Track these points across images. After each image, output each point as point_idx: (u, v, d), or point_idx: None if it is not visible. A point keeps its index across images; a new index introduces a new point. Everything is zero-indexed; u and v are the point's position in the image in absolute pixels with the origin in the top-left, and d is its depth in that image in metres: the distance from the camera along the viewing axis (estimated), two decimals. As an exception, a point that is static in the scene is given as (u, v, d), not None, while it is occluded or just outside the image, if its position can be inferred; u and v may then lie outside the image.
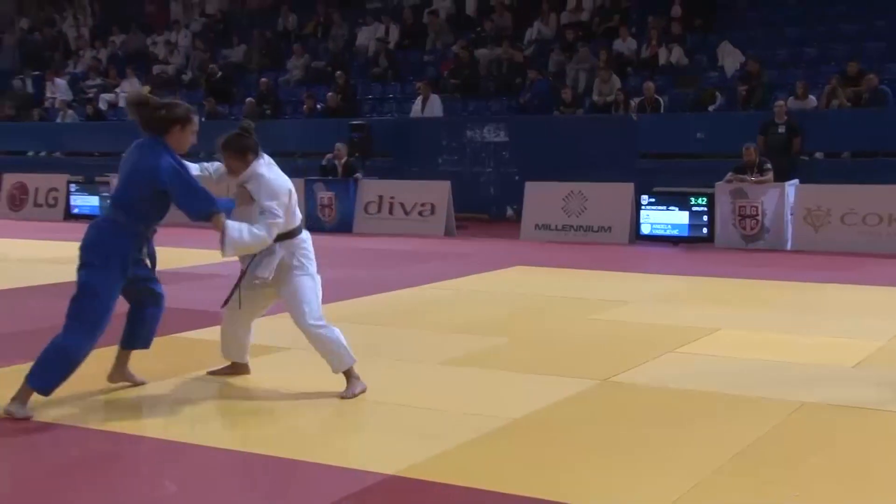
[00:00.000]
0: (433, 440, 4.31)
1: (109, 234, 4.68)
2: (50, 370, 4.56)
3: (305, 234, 5.06)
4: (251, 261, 4.93)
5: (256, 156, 4.94)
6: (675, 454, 4.15)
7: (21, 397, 4.59)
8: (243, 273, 5.00)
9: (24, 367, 5.61)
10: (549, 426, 4.58)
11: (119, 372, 5.08)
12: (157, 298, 5.01)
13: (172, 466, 4.05)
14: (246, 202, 4.82)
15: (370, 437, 4.47)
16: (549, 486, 3.79)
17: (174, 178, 4.58)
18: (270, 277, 4.90)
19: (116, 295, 4.70)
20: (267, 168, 4.93)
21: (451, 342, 6.34)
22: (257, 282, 4.93)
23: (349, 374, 4.99)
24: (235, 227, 4.67)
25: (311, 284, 4.96)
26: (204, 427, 4.55)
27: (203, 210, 4.62)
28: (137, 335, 5.02)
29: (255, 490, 3.81)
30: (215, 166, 5.15)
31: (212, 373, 5.37)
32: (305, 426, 4.62)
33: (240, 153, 4.92)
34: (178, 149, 4.76)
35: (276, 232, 4.78)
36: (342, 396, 4.91)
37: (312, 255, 5.04)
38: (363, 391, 4.96)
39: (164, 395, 5.08)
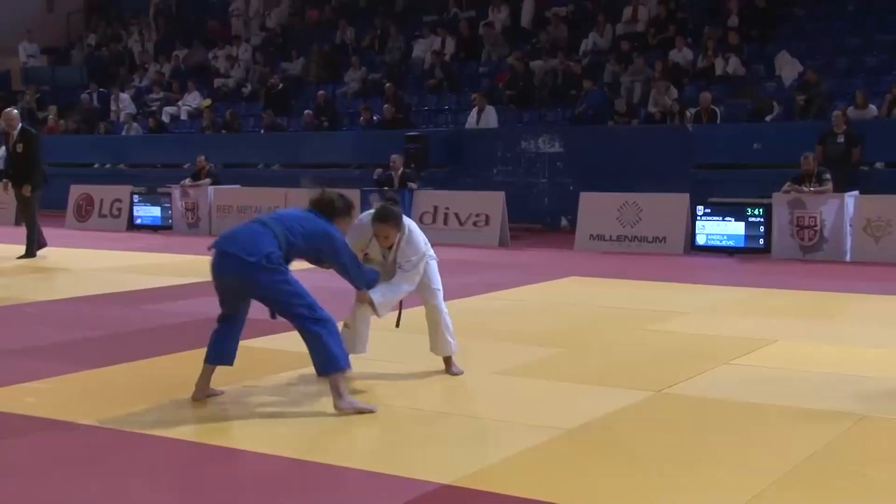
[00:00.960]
0: (487, 450, 4.36)
1: (263, 237, 4.90)
2: (336, 348, 4.85)
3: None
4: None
5: None
6: (732, 466, 4.15)
7: (341, 392, 4.84)
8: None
9: (99, 372, 5.82)
10: (604, 437, 4.61)
11: (203, 388, 5.17)
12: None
13: (225, 473, 4.17)
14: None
15: (424, 447, 4.53)
16: (604, 496, 3.83)
17: (341, 254, 5.06)
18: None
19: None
20: (411, 227, 5.53)
21: (505, 352, 6.39)
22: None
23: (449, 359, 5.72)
24: (379, 293, 5.31)
25: (437, 269, 5.65)
26: (257, 434, 4.66)
27: (356, 286, 5.25)
28: (227, 351, 5.16)
29: (309, 499, 3.90)
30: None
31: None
32: (359, 435, 4.70)
33: (398, 223, 5.42)
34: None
35: (417, 280, 5.46)
36: (453, 373, 5.67)
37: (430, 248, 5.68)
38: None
39: (216, 402, 5.21)
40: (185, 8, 25.45)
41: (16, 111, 12.36)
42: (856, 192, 11.61)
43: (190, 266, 11.27)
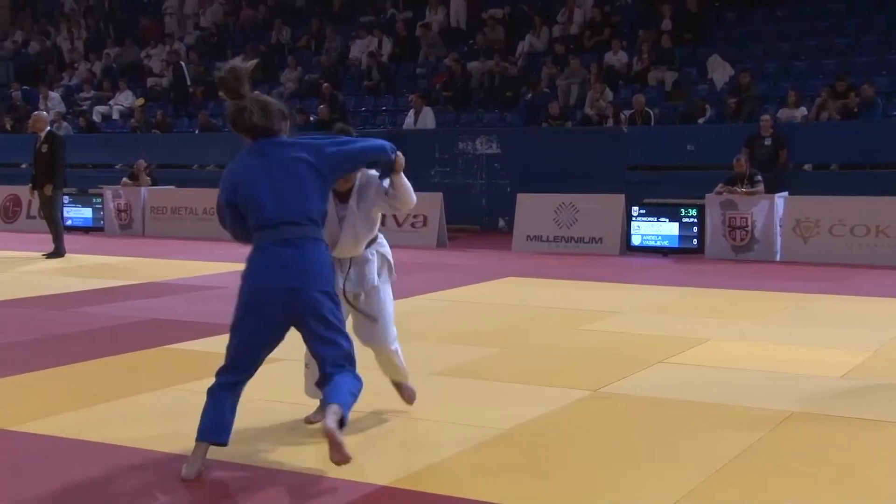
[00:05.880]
0: (425, 451, 4.36)
1: (324, 257, 4.01)
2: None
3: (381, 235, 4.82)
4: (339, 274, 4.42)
5: None
6: (665, 463, 4.21)
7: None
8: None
9: (29, 377, 5.67)
10: (540, 436, 4.63)
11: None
12: None
13: (156, 477, 4.09)
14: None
15: (361, 448, 4.50)
16: (540, 495, 3.85)
17: (337, 146, 4.04)
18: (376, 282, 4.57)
19: None
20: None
21: (442, 353, 6.39)
22: (358, 292, 4.53)
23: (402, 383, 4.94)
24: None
25: (392, 298, 4.72)
26: (195, 438, 4.58)
27: (384, 160, 4.29)
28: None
29: (247, 500, 3.85)
30: None
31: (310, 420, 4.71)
32: (296, 437, 4.65)
33: None
34: None
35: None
36: (409, 402, 4.89)
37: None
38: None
39: (158, 407, 5.12)
40: (117, 6, 24.96)
41: (45, 114, 13.20)
42: (785, 194, 11.88)
43: (122, 268, 11.07)
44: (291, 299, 3.88)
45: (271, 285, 3.88)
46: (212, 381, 4.01)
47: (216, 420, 3.97)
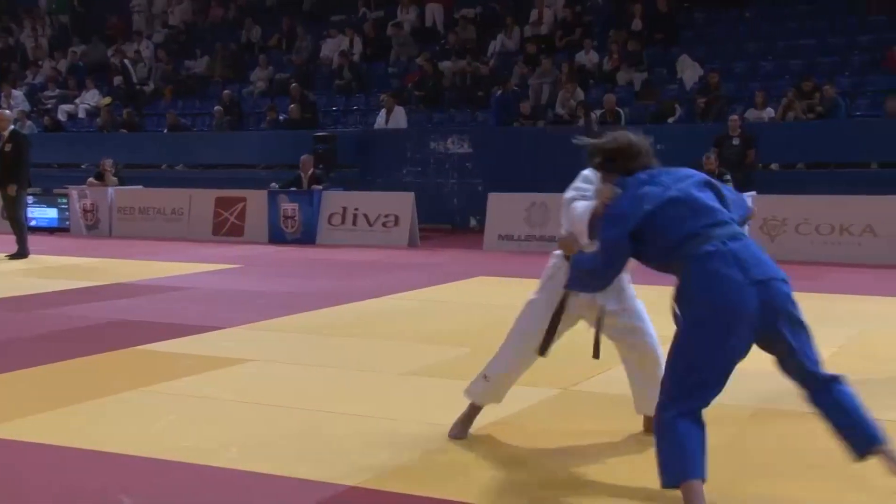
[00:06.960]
0: (394, 451, 4.34)
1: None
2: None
3: None
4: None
5: None
6: (637, 461, 4.22)
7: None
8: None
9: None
10: (513, 435, 4.64)
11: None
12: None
13: (121, 480, 4.06)
14: None
15: (330, 448, 4.49)
16: (509, 493, 3.85)
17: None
18: None
19: None
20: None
21: (412, 352, 6.38)
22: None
23: None
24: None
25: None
26: (160, 441, 4.55)
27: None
28: None
29: (211, 502, 3.83)
30: None
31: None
32: (267, 439, 4.63)
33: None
34: None
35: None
36: None
37: None
38: None
39: (127, 409, 5.07)
40: (83, 3, 24.69)
41: (9, 112, 13.18)
42: (753, 193, 11.98)
43: (88, 269, 10.95)
44: (762, 293, 3.57)
45: (737, 280, 3.56)
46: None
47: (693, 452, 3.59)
